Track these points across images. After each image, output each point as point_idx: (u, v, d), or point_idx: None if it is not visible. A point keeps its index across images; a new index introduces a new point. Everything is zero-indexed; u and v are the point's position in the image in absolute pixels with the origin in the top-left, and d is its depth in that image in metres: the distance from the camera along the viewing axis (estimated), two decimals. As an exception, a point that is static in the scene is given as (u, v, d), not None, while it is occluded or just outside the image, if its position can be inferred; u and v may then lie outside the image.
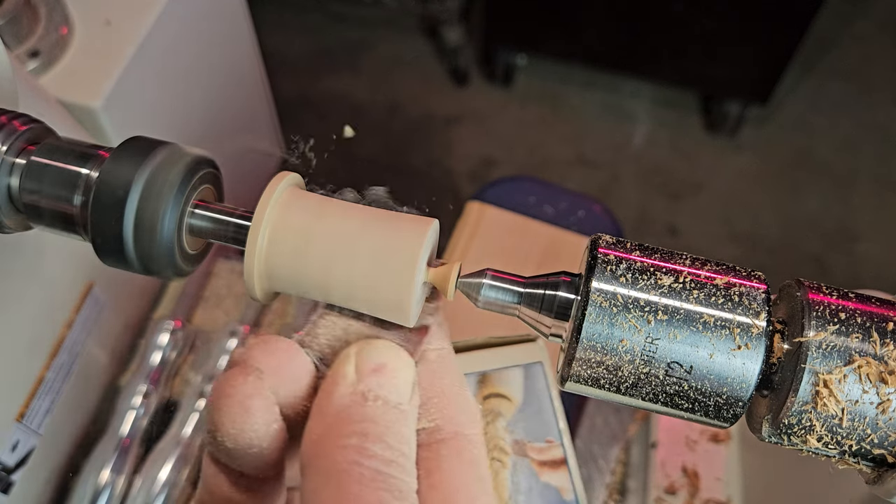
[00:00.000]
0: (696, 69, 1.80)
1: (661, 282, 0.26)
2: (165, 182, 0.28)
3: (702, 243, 1.75)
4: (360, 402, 0.24)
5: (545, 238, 0.87)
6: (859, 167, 1.87)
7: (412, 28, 2.08)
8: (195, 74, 0.92)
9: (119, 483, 0.66)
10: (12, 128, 0.31)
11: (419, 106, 1.95)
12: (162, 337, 0.74)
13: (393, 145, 1.90)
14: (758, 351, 0.25)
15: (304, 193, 0.29)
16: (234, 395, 0.25)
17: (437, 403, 0.28)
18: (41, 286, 0.59)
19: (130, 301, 0.76)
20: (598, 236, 0.28)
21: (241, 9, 1.01)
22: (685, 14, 1.66)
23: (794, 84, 1.95)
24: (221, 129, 1.03)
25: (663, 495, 0.72)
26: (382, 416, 0.24)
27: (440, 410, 0.28)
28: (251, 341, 0.27)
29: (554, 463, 0.41)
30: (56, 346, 0.62)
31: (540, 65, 2.00)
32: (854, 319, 0.25)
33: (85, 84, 0.72)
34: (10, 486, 0.59)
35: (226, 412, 0.25)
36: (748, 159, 1.89)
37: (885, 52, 2.03)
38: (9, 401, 0.58)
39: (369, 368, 0.25)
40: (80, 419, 0.70)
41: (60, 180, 0.30)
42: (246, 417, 0.25)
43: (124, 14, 0.77)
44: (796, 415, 0.25)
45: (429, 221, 0.28)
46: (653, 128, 1.94)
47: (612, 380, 0.26)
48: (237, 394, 0.25)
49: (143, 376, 0.72)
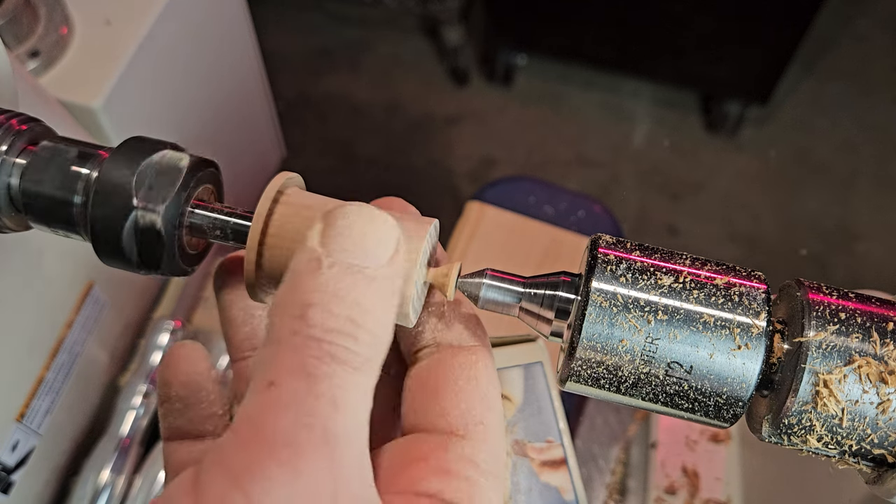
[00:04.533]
0: (696, 69, 1.80)
1: (661, 282, 0.26)
2: (165, 182, 0.29)
3: (702, 243, 1.75)
4: (314, 269, 0.23)
5: (545, 238, 0.87)
6: (859, 167, 1.87)
7: (412, 28, 2.08)
8: (195, 74, 0.92)
9: (119, 483, 0.66)
10: (12, 127, 0.31)
11: (419, 106, 1.95)
12: (162, 337, 0.74)
13: (393, 145, 1.90)
14: (758, 351, 0.25)
15: (304, 193, 0.29)
16: (173, 353, 0.32)
17: (434, 324, 0.29)
18: (41, 286, 0.59)
19: (130, 301, 0.76)
20: (598, 236, 0.28)
21: (241, 9, 1.01)
22: (685, 14, 1.66)
23: (794, 84, 1.95)
24: (221, 129, 1.03)
25: (663, 495, 0.72)
26: (335, 283, 0.22)
27: (438, 330, 0.28)
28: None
29: (554, 463, 0.41)
30: (56, 346, 0.62)
31: (540, 65, 2.00)
32: (854, 319, 0.25)
33: (85, 84, 0.72)
34: (10, 486, 0.59)
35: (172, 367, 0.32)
36: (748, 159, 1.89)
37: (885, 52, 2.03)
38: (9, 401, 0.58)
39: (333, 232, 0.23)
40: (80, 419, 0.70)
41: (60, 180, 0.30)
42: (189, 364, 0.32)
43: (124, 14, 0.77)
44: (796, 415, 0.25)
45: (429, 221, 0.28)
46: (653, 128, 1.94)
47: (612, 380, 0.26)
48: (175, 352, 0.32)
49: (143, 376, 0.72)
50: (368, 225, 0.24)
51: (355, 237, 0.23)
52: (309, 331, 0.22)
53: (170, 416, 0.32)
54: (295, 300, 0.23)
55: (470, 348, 0.28)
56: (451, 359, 0.28)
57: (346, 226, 0.24)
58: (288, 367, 0.22)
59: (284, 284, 0.23)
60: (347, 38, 2.05)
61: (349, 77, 1.99)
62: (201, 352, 0.33)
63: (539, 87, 1.99)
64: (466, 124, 1.93)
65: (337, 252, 0.23)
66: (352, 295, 0.23)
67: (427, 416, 0.27)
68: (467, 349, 0.28)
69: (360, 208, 0.24)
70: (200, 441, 0.32)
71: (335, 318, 0.22)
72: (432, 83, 1.99)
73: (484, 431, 0.26)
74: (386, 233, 0.24)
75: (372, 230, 0.24)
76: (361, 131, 1.92)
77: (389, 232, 0.24)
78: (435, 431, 0.26)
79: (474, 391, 0.27)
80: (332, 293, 0.22)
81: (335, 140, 1.90)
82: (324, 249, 0.23)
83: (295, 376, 0.21)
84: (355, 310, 0.22)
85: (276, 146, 1.29)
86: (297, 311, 0.22)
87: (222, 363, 0.75)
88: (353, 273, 0.23)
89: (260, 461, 0.20)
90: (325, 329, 0.22)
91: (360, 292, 0.23)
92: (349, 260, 0.23)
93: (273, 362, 0.22)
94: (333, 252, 0.23)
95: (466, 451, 0.25)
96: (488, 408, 0.27)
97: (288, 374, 0.21)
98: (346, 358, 0.22)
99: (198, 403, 0.32)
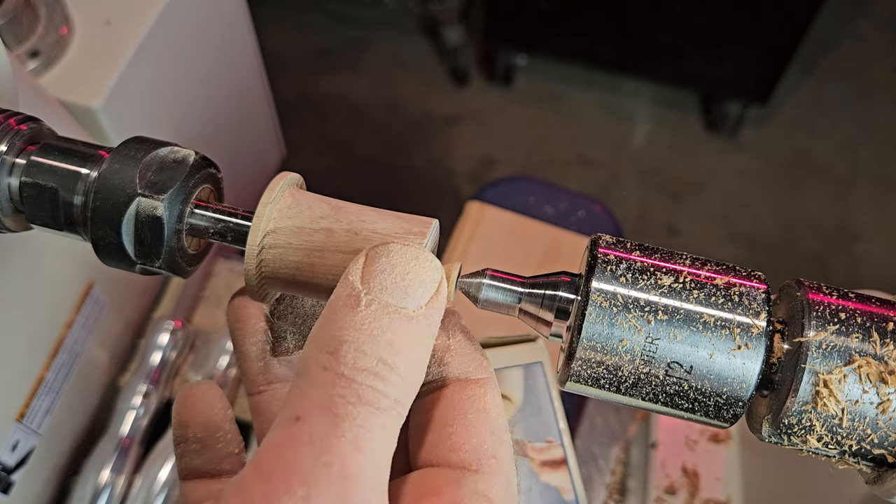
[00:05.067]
0: (696, 69, 1.80)
1: (661, 282, 0.26)
2: (165, 183, 0.28)
3: (702, 243, 1.75)
4: (352, 305, 0.23)
5: (545, 238, 0.87)
6: (859, 167, 1.87)
7: (412, 28, 2.08)
8: (195, 74, 0.92)
9: (119, 483, 0.66)
10: (12, 127, 0.31)
11: (419, 106, 1.95)
12: (162, 337, 0.74)
13: (393, 145, 1.90)
14: (758, 351, 0.25)
15: (304, 193, 0.29)
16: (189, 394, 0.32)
17: (440, 357, 0.29)
18: (41, 286, 0.59)
19: (130, 301, 0.76)
20: (598, 236, 0.28)
21: (241, 9, 1.01)
22: (685, 14, 1.66)
23: (794, 84, 1.95)
24: (221, 128, 1.03)
25: (663, 495, 0.72)
26: (371, 322, 0.23)
27: (445, 363, 0.28)
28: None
29: (554, 463, 0.41)
30: (56, 346, 0.62)
31: (540, 65, 2.00)
32: (854, 319, 0.25)
33: (85, 84, 0.72)
34: (10, 486, 0.59)
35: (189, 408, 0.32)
36: (748, 159, 1.89)
37: (885, 52, 2.03)
38: (9, 401, 0.58)
39: (375, 269, 0.24)
40: (80, 419, 0.70)
41: (60, 180, 0.30)
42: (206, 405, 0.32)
43: (124, 14, 0.77)
44: (796, 415, 0.25)
45: (429, 221, 0.28)
46: (653, 128, 1.94)
47: (612, 380, 0.26)
48: (190, 393, 0.32)
49: (143, 376, 0.72)
50: (411, 264, 0.24)
51: (396, 277, 0.24)
52: (340, 368, 0.22)
53: (186, 457, 0.32)
54: (329, 335, 0.23)
55: (478, 381, 0.28)
56: (460, 392, 0.28)
57: (389, 264, 0.24)
58: (315, 404, 0.22)
59: (322, 317, 0.24)
60: (347, 38, 2.05)
61: (349, 77, 1.99)
62: (217, 392, 0.33)
63: (539, 87, 1.99)
64: (466, 124, 1.93)
65: (376, 290, 0.23)
66: (386, 335, 0.23)
67: (438, 451, 0.27)
68: (475, 382, 0.28)
69: (406, 247, 0.24)
70: (218, 480, 0.32)
71: (367, 358, 0.22)
72: (432, 83, 1.99)
73: (496, 465, 0.26)
74: (429, 274, 0.24)
75: (415, 271, 0.24)
76: (361, 131, 1.92)
77: (432, 274, 0.24)
78: (447, 466, 0.26)
79: (484, 424, 0.27)
80: (367, 332, 0.23)
81: (335, 140, 1.90)
82: (364, 287, 0.23)
83: (321, 414, 0.22)
84: (388, 351, 0.23)
85: (276, 146, 1.29)
86: (331, 346, 0.23)
87: (222, 364, 0.75)
88: (390, 313, 0.23)
89: (277, 495, 0.21)
90: (355, 368, 0.22)
91: (395, 333, 0.23)
92: (388, 299, 0.23)
93: (302, 397, 0.22)
94: (373, 290, 0.23)
95: (480, 485, 0.25)
96: (499, 441, 0.27)
97: (314, 410, 0.22)
98: (374, 399, 0.22)
99: (215, 444, 0.32)
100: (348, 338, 0.22)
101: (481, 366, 0.29)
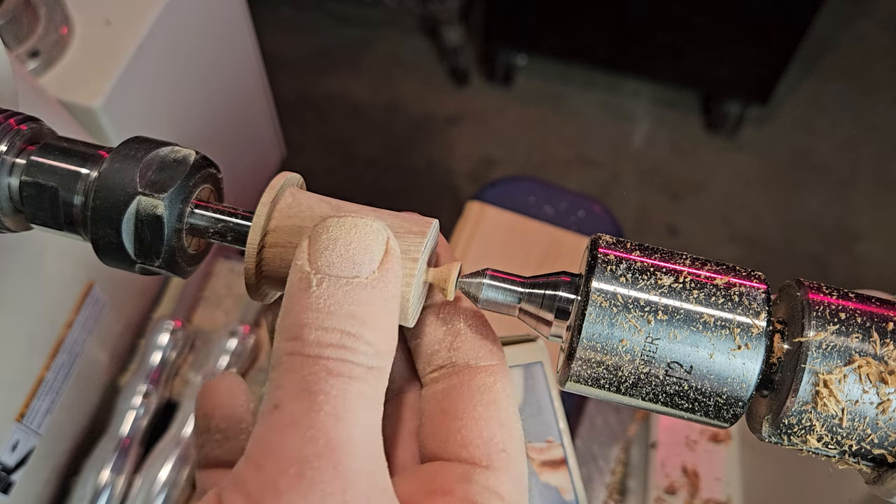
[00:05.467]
0: (696, 69, 1.80)
1: (662, 282, 0.26)
2: (165, 182, 0.28)
3: (702, 243, 1.75)
4: (305, 288, 0.23)
5: (545, 238, 0.87)
6: (859, 167, 1.87)
7: (412, 28, 2.08)
8: (195, 74, 0.92)
9: (119, 483, 0.66)
10: (12, 127, 0.31)
11: (419, 106, 1.95)
12: (162, 337, 0.74)
13: (393, 145, 1.90)
14: (758, 351, 0.25)
15: (304, 193, 0.29)
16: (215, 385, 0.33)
17: (450, 342, 0.29)
18: (41, 286, 0.59)
19: (130, 301, 0.76)
20: (598, 236, 0.28)
21: (241, 9, 1.01)
22: (685, 14, 1.66)
23: (794, 84, 1.95)
24: (221, 129, 1.03)
25: (663, 495, 0.72)
26: (326, 300, 0.23)
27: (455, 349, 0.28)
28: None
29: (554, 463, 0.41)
30: (56, 346, 0.62)
31: (540, 65, 2.00)
32: (854, 319, 0.25)
33: (85, 84, 0.72)
34: (10, 486, 0.59)
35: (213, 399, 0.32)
36: (748, 159, 1.89)
37: (885, 52, 2.03)
38: (9, 401, 0.58)
39: (318, 247, 0.24)
40: (80, 419, 0.70)
41: (60, 180, 0.30)
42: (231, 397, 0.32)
43: (124, 14, 0.77)
44: (796, 415, 0.25)
45: (429, 221, 0.28)
46: (653, 128, 1.94)
47: (612, 380, 0.26)
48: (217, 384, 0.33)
49: (143, 376, 0.72)
50: (352, 233, 0.24)
51: (340, 249, 0.23)
52: (305, 350, 0.22)
53: (207, 446, 0.32)
54: (291, 322, 0.23)
55: (487, 368, 0.28)
56: (469, 381, 0.28)
57: (329, 239, 0.24)
58: (289, 389, 0.22)
59: (281, 308, 0.24)
60: (347, 38, 2.05)
61: (349, 77, 1.99)
62: (241, 385, 0.33)
63: (539, 87, 1.99)
64: (466, 124, 1.93)
65: (325, 267, 0.23)
66: (345, 308, 0.23)
67: (448, 445, 0.27)
68: (485, 369, 0.28)
69: (342, 219, 0.24)
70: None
71: (329, 334, 0.23)
72: (432, 83, 1.99)
73: (507, 459, 0.26)
74: (371, 238, 0.24)
75: (356, 238, 0.24)
76: (361, 131, 1.92)
77: (375, 236, 0.24)
78: (457, 461, 0.26)
79: (494, 417, 0.27)
80: (325, 310, 0.23)
81: (335, 140, 1.90)
82: (312, 267, 0.23)
83: (296, 396, 0.22)
84: (349, 322, 0.23)
85: (276, 146, 1.29)
86: (293, 332, 0.23)
87: (222, 364, 0.75)
88: (343, 286, 0.23)
89: (272, 480, 0.21)
90: (319, 345, 0.22)
91: (354, 304, 0.23)
92: (338, 273, 0.23)
93: (276, 387, 0.23)
94: (321, 268, 0.23)
95: (491, 482, 0.25)
96: (509, 434, 0.27)
97: (289, 395, 0.22)
98: (345, 370, 0.22)
99: (237, 435, 0.32)
100: (308, 320, 0.23)
101: (491, 352, 0.29)
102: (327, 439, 0.21)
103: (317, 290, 0.23)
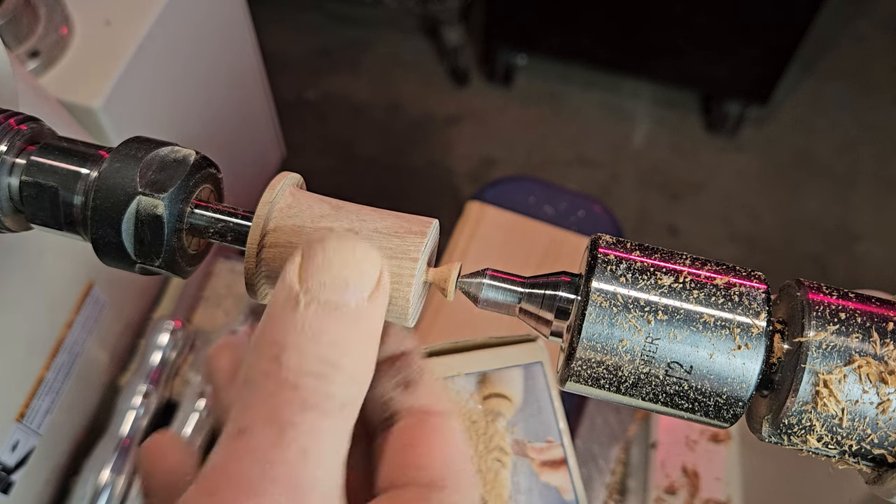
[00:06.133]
0: (696, 69, 1.80)
1: (661, 282, 0.26)
2: (165, 182, 0.28)
3: (702, 243, 1.75)
4: (291, 307, 0.22)
5: (545, 238, 0.87)
6: (859, 167, 1.87)
7: (412, 28, 2.08)
8: (195, 74, 0.92)
9: (119, 483, 0.66)
10: (12, 127, 0.31)
11: (419, 106, 1.95)
12: (162, 337, 0.74)
13: (393, 145, 1.90)
14: (758, 351, 0.25)
15: (304, 193, 0.29)
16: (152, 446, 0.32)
17: (401, 392, 0.29)
18: (41, 286, 0.59)
19: (130, 301, 0.76)
20: (598, 236, 0.28)
21: (241, 9, 1.01)
22: (685, 14, 1.66)
23: (794, 84, 1.95)
24: (221, 128, 1.03)
25: (663, 495, 0.72)
26: (311, 324, 0.22)
27: (409, 395, 0.28)
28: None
29: (554, 463, 0.41)
30: (56, 346, 0.62)
31: (540, 65, 2.00)
32: (854, 319, 0.25)
33: (85, 84, 0.72)
34: (10, 486, 0.59)
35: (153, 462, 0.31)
36: (748, 159, 1.89)
37: (885, 52, 2.03)
38: (9, 401, 0.58)
39: (312, 266, 0.22)
40: (80, 419, 0.70)
41: (60, 180, 0.30)
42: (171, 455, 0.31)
43: (124, 14, 0.77)
44: (796, 415, 0.25)
45: (429, 221, 0.28)
46: (653, 128, 1.94)
47: (612, 380, 0.26)
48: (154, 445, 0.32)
49: (143, 376, 0.72)
50: (349, 258, 0.23)
51: (335, 272, 0.22)
52: (282, 374, 0.22)
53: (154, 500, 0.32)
54: (271, 340, 0.22)
55: (440, 413, 0.28)
56: (424, 421, 0.28)
57: (325, 260, 0.22)
58: (259, 414, 0.21)
59: (262, 322, 0.23)
60: (347, 38, 2.05)
61: (349, 77, 1.99)
62: (179, 442, 0.32)
63: (539, 87, 1.99)
64: (466, 124, 1.93)
65: (315, 289, 0.22)
66: (329, 335, 0.22)
67: (405, 472, 0.26)
68: (438, 414, 0.28)
69: (342, 241, 0.23)
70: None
71: (309, 361, 0.22)
72: (432, 83, 1.99)
73: (464, 479, 0.26)
74: (368, 266, 0.23)
75: (352, 264, 0.23)
76: (361, 131, 1.92)
77: (371, 266, 0.23)
78: (414, 485, 0.26)
79: (448, 446, 0.27)
80: (308, 335, 0.22)
81: (335, 140, 1.90)
82: (301, 286, 0.22)
83: (265, 424, 0.21)
84: (332, 351, 0.22)
85: (276, 146, 1.29)
86: (272, 351, 0.22)
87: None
88: (330, 311, 0.22)
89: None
90: (298, 372, 0.22)
91: (338, 332, 0.22)
92: (327, 296, 0.22)
93: (246, 408, 0.22)
94: (311, 289, 0.22)
95: (445, 501, 0.25)
96: (463, 460, 0.27)
97: (258, 421, 0.21)
98: (319, 403, 0.22)
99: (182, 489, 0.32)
100: (290, 342, 0.22)
101: (440, 400, 0.29)
102: (289, 478, 0.21)
103: (303, 313, 0.22)
